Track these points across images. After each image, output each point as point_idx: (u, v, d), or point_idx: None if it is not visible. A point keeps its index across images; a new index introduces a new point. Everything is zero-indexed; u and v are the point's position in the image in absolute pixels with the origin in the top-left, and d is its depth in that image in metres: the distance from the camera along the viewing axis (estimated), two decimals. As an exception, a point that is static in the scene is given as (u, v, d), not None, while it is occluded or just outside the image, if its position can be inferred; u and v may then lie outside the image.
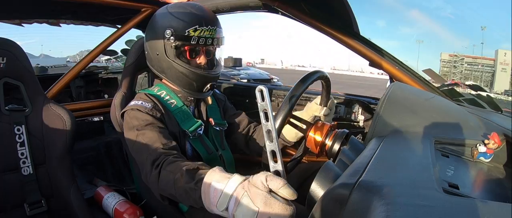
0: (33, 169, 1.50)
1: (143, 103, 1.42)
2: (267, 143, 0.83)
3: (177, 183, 1.06)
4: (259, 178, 0.81)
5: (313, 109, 1.40)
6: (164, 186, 1.13)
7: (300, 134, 1.41)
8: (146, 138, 1.31)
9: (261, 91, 0.82)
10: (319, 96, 1.39)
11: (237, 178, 0.86)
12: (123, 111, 1.47)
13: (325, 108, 1.39)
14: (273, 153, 0.84)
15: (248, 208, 0.80)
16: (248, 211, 0.79)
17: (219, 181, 0.89)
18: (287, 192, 0.79)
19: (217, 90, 1.83)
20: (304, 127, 1.25)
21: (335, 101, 1.45)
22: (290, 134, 1.48)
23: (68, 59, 6.12)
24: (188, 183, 1.00)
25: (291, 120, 1.21)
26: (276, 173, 0.84)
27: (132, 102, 1.45)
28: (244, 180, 0.85)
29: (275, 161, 0.84)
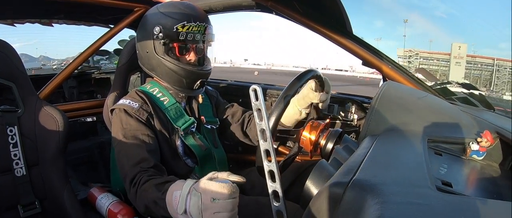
0: (26, 170, 1.48)
1: (131, 102, 1.42)
2: (261, 142, 0.85)
3: (148, 198, 1.15)
4: (207, 175, 0.98)
5: (310, 97, 1.41)
6: (140, 202, 1.21)
7: (296, 117, 1.43)
8: (126, 149, 1.34)
9: (255, 91, 0.83)
10: (313, 81, 1.38)
11: (189, 181, 1.02)
12: (112, 107, 1.47)
13: (321, 94, 1.40)
14: (267, 152, 0.85)
15: (194, 197, 0.95)
16: (194, 199, 0.95)
17: (178, 189, 1.03)
18: (231, 178, 0.97)
19: (209, 87, 1.83)
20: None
21: (331, 83, 1.45)
22: (288, 118, 1.49)
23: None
24: (157, 195, 1.10)
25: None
26: (270, 172, 0.85)
27: (121, 101, 1.45)
28: (195, 182, 0.99)
29: (269, 160, 0.85)
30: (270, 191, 0.86)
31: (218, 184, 0.91)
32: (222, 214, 0.91)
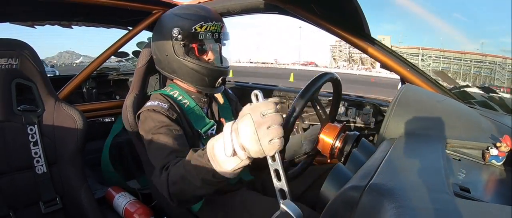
0: (47, 167, 1.52)
1: (160, 103, 1.43)
2: (270, 163, 0.90)
3: (185, 164, 1.08)
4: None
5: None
6: (174, 178, 1.13)
7: (297, 155, 1.45)
8: (159, 142, 1.32)
9: (256, 96, 0.88)
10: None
11: (227, 124, 0.93)
12: (139, 111, 1.48)
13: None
14: (276, 172, 0.89)
15: (244, 123, 0.88)
16: (246, 124, 0.87)
17: (217, 139, 0.96)
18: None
19: (229, 90, 1.85)
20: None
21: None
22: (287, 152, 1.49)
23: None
24: (195, 155, 1.04)
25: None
26: (281, 191, 0.89)
27: (149, 103, 1.46)
28: (233, 122, 0.93)
29: (279, 180, 0.89)
30: (276, 189, 0.89)
31: (262, 102, 0.89)
32: (275, 127, 0.87)
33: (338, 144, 1.21)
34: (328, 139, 1.23)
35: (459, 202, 0.55)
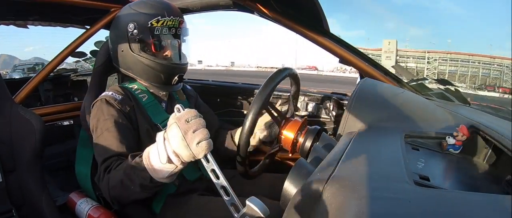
0: (2, 177, 1.44)
1: (114, 94, 1.40)
2: (205, 165, 1.00)
3: (123, 170, 1.14)
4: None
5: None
6: (113, 182, 1.18)
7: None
8: (105, 140, 1.31)
9: (178, 109, 1.00)
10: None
11: (159, 134, 1.03)
12: (94, 102, 1.44)
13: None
14: (213, 172, 0.98)
15: (172, 132, 0.98)
16: (172, 132, 0.98)
17: (151, 147, 1.06)
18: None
19: (188, 86, 1.82)
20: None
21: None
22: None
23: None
24: (132, 163, 1.11)
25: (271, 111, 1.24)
26: (223, 188, 0.98)
27: (103, 93, 1.43)
28: (164, 131, 1.02)
29: (217, 178, 0.98)
30: (218, 188, 0.97)
31: (183, 111, 1.00)
32: (201, 130, 0.99)
33: (299, 138, 1.22)
34: (290, 134, 1.24)
35: (419, 190, 0.56)
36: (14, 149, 1.48)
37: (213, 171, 0.98)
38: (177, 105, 1.00)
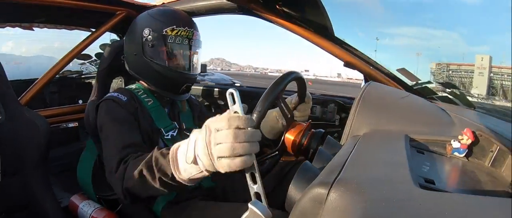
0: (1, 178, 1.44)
1: (119, 95, 1.42)
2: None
3: (145, 160, 1.05)
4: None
5: (269, 119, 1.46)
6: (131, 173, 1.09)
7: (275, 131, 1.44)
8: (117, 134, 1.30)
9: (232, 95, 0.84)
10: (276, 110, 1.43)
11: (194, 131, 0.92)
12: (99, 102, 1.45)
13: (299, 106, 1.46)
14: (252, 175, 0.86)
15: (200, 135, 0.86)
16: (200, 137, 0.86)
17: (183, 142, 0.95)
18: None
19: (192, 96, 1.83)
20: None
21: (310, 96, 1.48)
22: (265, 129, 1.49)
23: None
24: (158, 153, 1.02)
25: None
26: (257, 195, 0.85)
27: (108, 94, 1.45)
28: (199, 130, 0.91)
29: (254, 183, 0.86)
30: (251, 192, 0.86)
31: (222, 115, 0.84)
32: (226, 146, 0.81)
33: (304, 141, 1.22)
34: (294, 137, 1.24)
35: (425, 194, 0.56)
36: (20, 151, 1.48)
37: (252, 174, 0.86)
38: (230, 90, 0.85)
